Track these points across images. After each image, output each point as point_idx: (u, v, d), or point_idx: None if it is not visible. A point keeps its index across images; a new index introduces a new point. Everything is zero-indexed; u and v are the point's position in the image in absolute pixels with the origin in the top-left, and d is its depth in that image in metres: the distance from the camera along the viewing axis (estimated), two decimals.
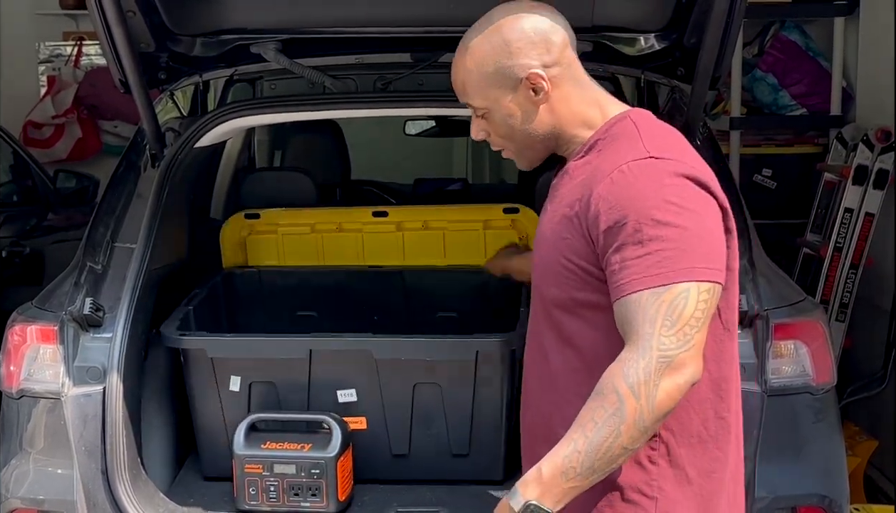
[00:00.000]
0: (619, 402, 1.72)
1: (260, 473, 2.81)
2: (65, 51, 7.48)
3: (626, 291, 1.76)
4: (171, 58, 3.04)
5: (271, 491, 2.81)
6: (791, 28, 5.12)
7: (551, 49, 1.92)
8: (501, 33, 1.93)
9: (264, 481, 2.81)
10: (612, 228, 1.78)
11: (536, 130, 1.97)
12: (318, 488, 2.79)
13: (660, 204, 1.77)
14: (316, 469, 2.78)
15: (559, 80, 1.93)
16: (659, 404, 1.72)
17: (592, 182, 1.84)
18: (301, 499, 2.80)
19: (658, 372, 1.71)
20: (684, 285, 1.74)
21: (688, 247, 1.76)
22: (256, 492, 2.82)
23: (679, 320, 1.73)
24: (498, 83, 1.94)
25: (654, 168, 1.81)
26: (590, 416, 1.74)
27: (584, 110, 1.96)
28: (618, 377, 1.73)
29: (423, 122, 5.59)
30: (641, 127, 1.91)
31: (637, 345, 1.73)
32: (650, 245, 1.75)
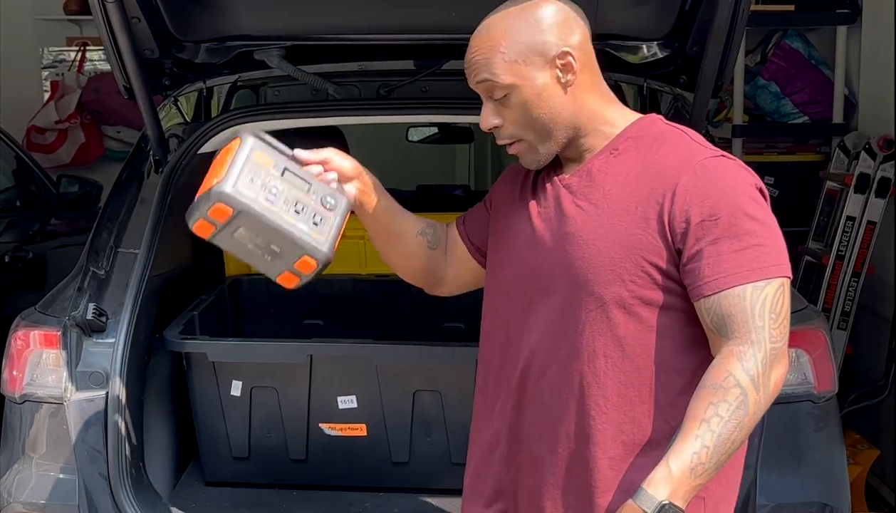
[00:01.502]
0: (743, 395, 1.73)
1: None
2: (68, 56, 7.49)
3: (727, 285, 1.77)
4: (175, 64, 3.05)
5: None
6: (794, 36, 5.13)
7: (576, 32, 1.89)
8: (534, 10, 1.89)
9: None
10: (706, 222, 1.79)
11: (560, 116, 1.90)
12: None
13: (748, 200, 1.81)
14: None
15: (585, 69, 1.90)
16: (771, 395, 1.76)
17: (662, 178, 1.83)
18: None
19: (770, 364, 1.75)
20: (780, 280, 1.79)
21: (776, 243, 1.81)
22: None
23: (780, 315, 1.77)
24: (528, 59, 1.87)
25: (733, 166, 1.85)
26: (712, 411, 1.73)
27: (604, 106, 1.94)
28: (738, 370, 1.74)
29: (425, 129, 5.59)
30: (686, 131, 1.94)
31: (750, 338, 1.75)
32: (746, 239, 1.78)
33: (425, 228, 2.26)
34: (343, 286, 3.58)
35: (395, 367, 2.90)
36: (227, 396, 2.98)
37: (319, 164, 2.01)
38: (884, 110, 4.61)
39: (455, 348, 2.95)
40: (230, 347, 3.01)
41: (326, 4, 2.82)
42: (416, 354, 2.90)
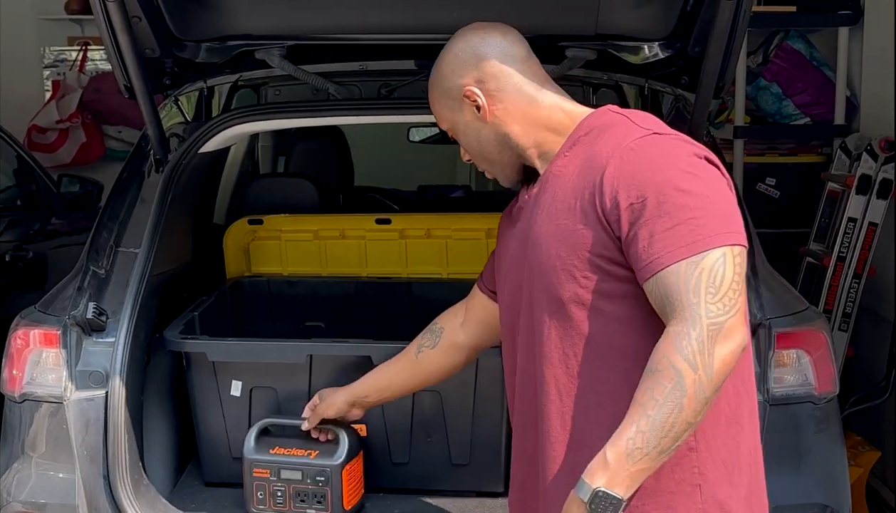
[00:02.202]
0: (678, 376, 1.69)
1: (267, 477, 2.82)
2: (70, 56, 7.50)
3: (661, 265, 1.74)
4: (176, 63, 3.05)
5: (278, 496, 2.81)
6: (795, 37, 5.13)
7: (482, 64, 1.98)
8: (440, 59, 2.04)
9: (272, 486, 2.82)
10: (635, 205, 1.76)
11: (493, 146, 2.01)
12: (324, 495, 2.79)
13: (678, 174, 1.77)
14: (321, 477, 2.78)
15: (499, 94, 1.98)
16: (717, 373, 1.70)
17: (594, 168, 1.83)
18: (307, 505, 2.80)
19: (711, 340, 1.69)
20: (720, 251, 1.73)
21: (714, 212, 1.75)
22: (264, 496, 2.82)
23: (721, 287, 1.71)
24: (447, 105, 2.03)
25: (663, 141, 1.82)
26: (649, 395, 1.71)
27: (543, 117, 1.98)
28: (672, 352, 1.70)
29: (426, 129, 5.60)
30: (629, 115, 1.92)
31: (684, 316, 1.71)
32: (678, 214, 1.74)
33: (421, 344, 2.50)
34: (344, 288, 3.58)
35: None
36: (227, 396, 2.97)
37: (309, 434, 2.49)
38: (885, 112, 4.61)
39: None
40: (230, 346, 3.01)
41: (327, 4, 2.82)
42: None
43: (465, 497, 2.95)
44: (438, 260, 3.57)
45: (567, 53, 3.04)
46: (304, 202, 3.82)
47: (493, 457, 2.94)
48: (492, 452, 2.93)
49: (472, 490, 2.96)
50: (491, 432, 2.92)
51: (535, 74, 2.02)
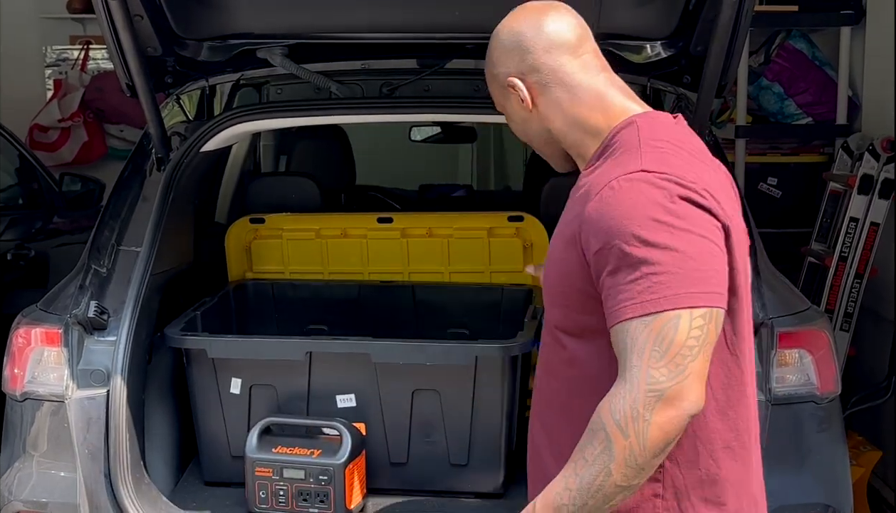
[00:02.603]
0: (607, 439, 1.62)
1: (270, 476, 2.82)
2: (71, 55, 7.49)
3: (616, 319, 1.66)
4: (177, 62, 3.05)
5: (281, 495, 2.81)
6: (797, 37, 5.12)
7: (525, 56, 1.87)
8: (490, 42, 1.95)
9: (274, 486, 2.81)
10: (602, 251, 1.68)
11: (539, 138, 1.95)
12: (326, 494, 2.79)
13: (648, 223, 1.65)
14: (324, 476, 2.78)
15: (544, 87, 1.87)
16: (652, 441, 1.61)
17: (587, 197, 1.75)
18: (309, 505, 2.80)
19: (648, 406, 1.60)
20: (674, 313, 1.62)
21: (679, 270, 1.63)
22: (267, 496, 2.82)
23: (669, 350, 1.61)
24: (496, 89, 1.96)
25: (644, 184, 1.68)
26: (580, 453, 1.66)
27: (583, 116, 1.86)
28: (605, 413, 1.63)
29: (428, 128, 5.59)
30: (644, 135, 1.79)
31: (625, 378, 1.63)
32: (641, 268, 1.64)
33: None
34: (348, 291, 3.58)
35: (394, 365, 2.90)
36: (227, 393, 2.98)
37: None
38: (887, 111, 4.60)
39: (453, 347, 2.94)
40: (229, 343, 3.01)
41: (329, 3, 2.82)
42: (414, 352, 2.89)
43: (464, 498, 2.94)
44: (440, 259, 3.57)
45: None
46: (306, 201, 3.82)
47: (493, 458, 2.94)
48: (491, 453, 2.93)
49: (471, 491, 2.95)
50: (490, 433, 2.92)
51: (585, 64, 1.88)
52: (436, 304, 3.53)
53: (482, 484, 2.95)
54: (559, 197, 4.17)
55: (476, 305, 3.50)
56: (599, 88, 1.87)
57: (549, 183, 4.06)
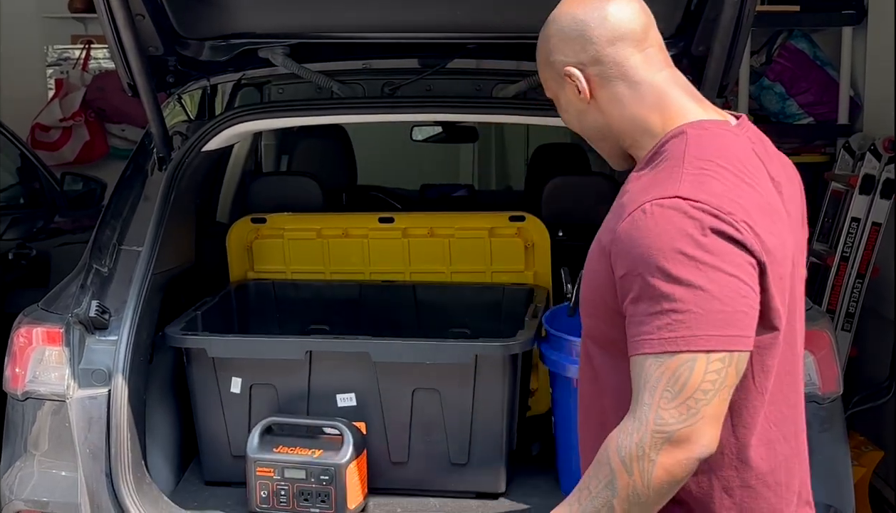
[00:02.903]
0: (611, 475, 1.59)
1: (271, 476, 2.82)
2: (73, 54, 7.50)
3: (634, 351, 1.61)
4: (179, 61, 3.05)
5: (282, 495, 2.81)
6: (799, 37, 5.12)
7: (588, 46, 1.75)
8: (548, 26, 1.82)
9: (275, 485, 2.82)
10: (627, 277, 1.62)
11: (593, 131, 1.84)
12: (328, 494, 2.79)
13: (674, 256, 1.57)
14: (325, 475, 2.78)
15: (605, 80, 1.76)
16: (656, 481, 1.57)
17: (623, 211, 1.66)
18: (311, 505, 2.80)
19: (654, 447, 1.56)
20: (690, 355, 1.56)
21: (702, 310, 1.56)
22: (268, 495, 2.82)
23: (682, 392, 1.56)
24: (551, 76, 1.83)
25: (676, 212, 1.59)
26: (586, 483, 1.63)
27: (641, 115, 1.76)
28: (612, 448, 1.60)
29: (429, 128, 5.59)
30: (690, 151, 1.68)
31: (635, 414, 1.59)
32: (662, 303, 1.57)
33: None
34: (349, 291, 3.58)
35: (394, 364, 2.89)
36: (227, 393, 2.98)
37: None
38: (889, 111, 4.60)
39: (453, 346, 2.94)
40: (229, 342, 3.01)
41: (331, 3, 2.82)
42: (414, 351, 2.89)
43: (465, 498, 2.94)
44: (441, 259, 3.57)
45: None
46: (307, 201, 3.82)
47: (493, 457, 2.93)
48: (491, 452, 2.93)
49: (472, 491, 2.95)
50: (490, 432, 2.91)
51: (649, 58, 1.78)
52: (437, 304, 3.53)
53: (482, 484, 2.95)
54: (560, 197, 4.21)
55: (477, 305, 3.50)
56: (661, 86, 1.78)
57: (551, 183, 4.06)
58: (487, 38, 3.09)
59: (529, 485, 3.01)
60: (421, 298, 3.55)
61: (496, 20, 2.87)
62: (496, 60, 3.31)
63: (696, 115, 1.76)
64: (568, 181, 4.14)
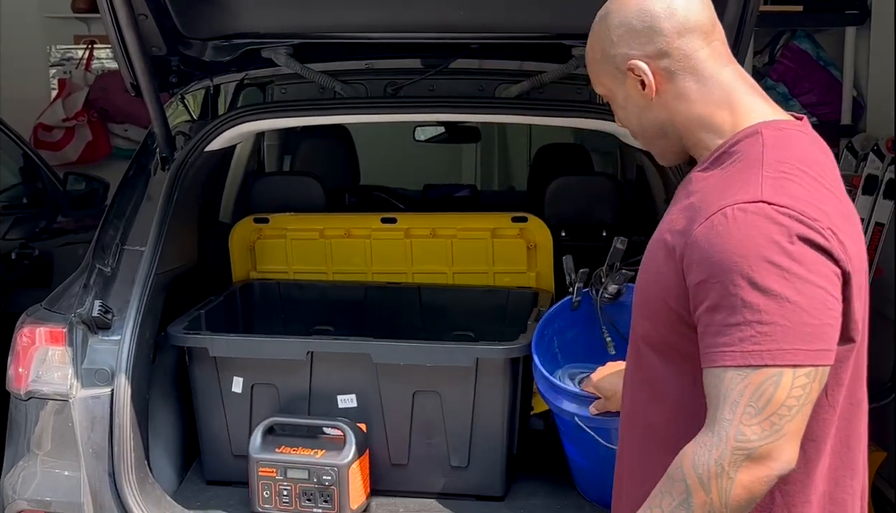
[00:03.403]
0: (687, 492, 1.53)
1: (274, 476, 2.82)
2: (76, 54, 7.50)
3: (712, 363, 1.54)
4: (182, 61, 3.05)
5: (284, 495, 2.81)
6: (802, 37, 5.12)
7: (656, 38, 1.68)
8: (607, 18, 1.73)
9: (278, 485, 2.82)
10: (705, 284, 1.54)
11: (654, 128, 1.76)
12: (330, 494, 2.79)
13: (761, 264, 1.50)
14: (328, 476, 2.78)
15: (672, 74, 1.69)
16: (735, 500, 1.51)
17: (697, 214, 1.59)
18: (313, 505, 2.80)
19: (734, 464, 1.50)
20: (776, 370, 1.50)
21: (789, 322, 1.49)
22: (270, 495, 2.82)
23: (766, 408, 1.50)
24: (607, 71, 1.75)
25: (763, 217, 1.52)
26: (657, 500, 1.57)
27: (708, 112, 1.70)
28: (688, 464, 1.53)
29: (432, 128, 5.60)
30: (769, 153, 1.61)
31: (714, 430, 1.52)
32: (745, 313, 1.50)
33: None
34: (353, 293, 3.58)
35: (395, 366, 2.89)
36: (229, 392, 2.98)
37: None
38: (892, 112, 4.60)
39: (453, 348, 2.94)
40: (231, 342, 3.02)
41: (333, 3, 2.82)
42: (414, 353, 2.89)
43: (465, 500, 2.94)
44: (444, 259, 3.57)
45: (573, 52, 3.05)
46: (310, 201, 3.82)
47: (493, 461, 2.93)
48: (492, 455, 2.92)
49: (472, 493, 2.95)
50: (491, 435, 2.91)
51: (716, 52, 1.71)
52: (441, 306, 3.53)
53: (483, 486, 2.95)
54: (563, 197, 4.20)
55: (482, 308, 3.50)
56: (729, 82, 1.71)
57: (554, 183, 4.06)
58: (490, 38, 3.09)
59: (530, 488, 3.01)
60: (425, 300, 3.55)
61: (499, 20, 2.87)
62: (499, 60, 3.31)
63: (766, 114, 1.70)
64: (571, 182, 4.14)
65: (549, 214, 3.81)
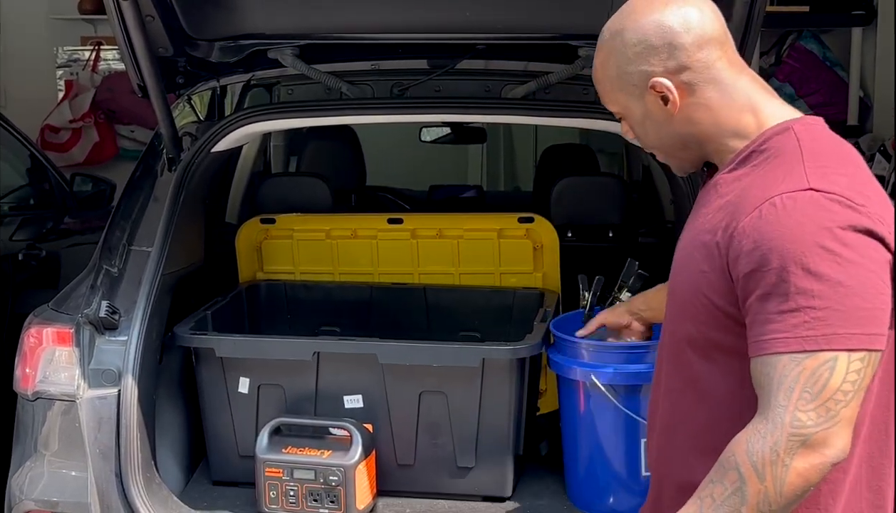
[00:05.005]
0: (741, 481, 1.52)
1: (280, 477, 2.82)
2: (83, 55, 7.52)
3: (763, 350, 1.54)
4: (189, 62, 3.06)
5: (291, 496, 2.82)
6: (808, 38, 5.12)
7: (676, 53, 1.68)
8: (623, 34, 1.72)
9: (284, 486, 2.82)
10: (755, 273, 1.54)
11: (674, 142, 1.76)
12: (337, 495, 2.79)
13: (814, 250, 1.51)
14: (334, 476, 2.79)
15: (694, 87, 1.70)
16: (789, 487, 1.50)
17: (739, 209, 1.60)
18: (320, 505, 2.81)
19: (789, 451, 1.50)
20: (831, 354, 1.50)
21: (842, 307, 1.50)
22: (277, 496, 2.83)
23: (822, 394, 1.50)
24: (623, 88, 1.75)
25: (813, 204, 1.53)
26: (708, 490, 1.56)
27: (732, 118, 1.71)
28: (741, 451, 1.53)
29: (438, 129, 5.60)
30: (806, 146, 1.63)
31: (768, 416, 1.52)
32: (798, 299, 1.51)
33: None
34: (360, 293, 3.58)
35: (401, 366, 2.89)
36: (235, 393, 2.98)
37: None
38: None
39: (460, 349, 2.94)
40: (238, 342, 3.02)
41: (340, 3, 2.82)
42: (421, 353, 2.89)
43: (471, 500, 2.94)
44: (450, 260, 3.57)
45: (580, 53, 3.04)
46: (316, 202, 3.82)
47: (500, 461, 2.93)
48: (498, 456, 2.92)
49: (478, 494, 2.95)
50: (497, 435, 2.91)
51: (732, 61, 1.73)
52: (447, 307, 3.53)
53: (489, 487, 2.95)
54: (569, 198, 4.20)
55: (488, 309, 3.50)
56: (748, 87, 1.73)
57: (560, 184, 4.06)
58: (496, 38, 3.09)
59: (537, 488, 3.01)
60: (431, 300, 3.55)
61: (505, 21, 2.87)
62: (505, 61, 3.31)
63: (787, 114, 1.72)
64: (577, 182, 4.13)
65: (555, 215, 3.81)
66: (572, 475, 2.91)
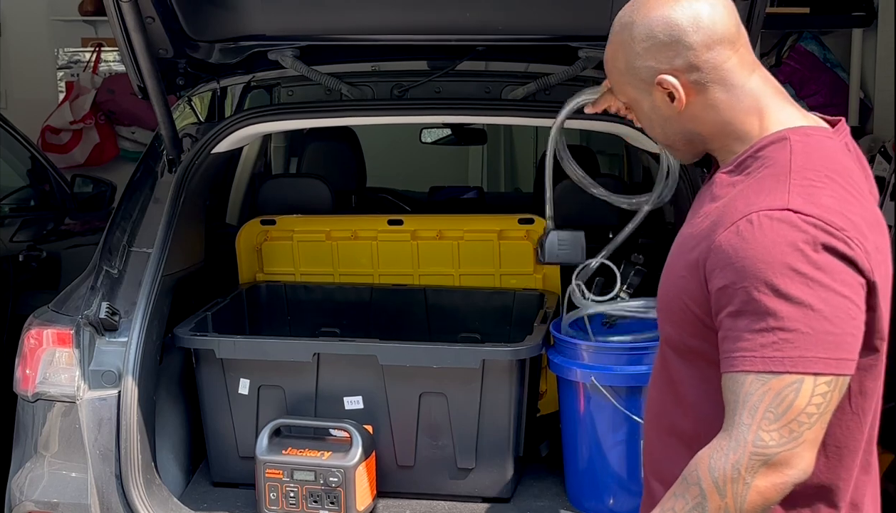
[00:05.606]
0: (702, 496, 1.53)
1: (280, 478, 2.82)
2: (83, 57, 7.52)
3: (732, 367, 1.54)
4: (189, 64, 3.06)
5: (291, 497, 2.82)
6: (809, 39, 5.12)
7: (684, 52, 1.66)
8: (632, 28, 1.70)
9: (284, 487, 2.82)
10: (728, 289, 1.54)
11: (678, 137, 1.76)
12: (337, 496, 2.79)
13: (785, 271, 1.50)
14: (334, 478, 2.79)
15: (701, 86, 1.68)
16: (750, 505, 1.51)
17: (721, 220, 1.60)
18: (320, 506, 2.81)
19: (751, 470, 1.50)
20: (797, 377, 1.50)
21: (811, 330, 1.50)
22: (277, 497, 2.83)
23: (786, 414, 1.50)
24: (631, 82, 1.74)
25: (787, 225, 1.52)
26: (671, 503, 1.57)
27: (737, 120, 1.69)
28: (703, 467, 1.53)
29: (438, 130, 5.60)
30: (797, 159, 1.61)
31: (731, 434, 1.52)
32: (767, 320, 1.51)
33: None
34: (360, 295, 3.59)
35: (401, 368, 2.90)
36: (235, 394, 2.98)
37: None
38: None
39: (460, 350, 2.94)
40: (238, 344, 3.02)
41: (340, 5, 2.82)
42: (421, 355, 2.90)
43: (472, 501, 2.94)
44: (450, 261, 3.57)
45: (580, 54, 3.05)
46: (317, 203, 3.83)
47: (501, 462, 2.93)
48: (499, 457, 2.92)
49: (478, 495, 2.95)
50: (498, 437, 2.91)
51: (743, 59, 1.70)
52: (448, 308, 3.54)
53: (489, 488, 2.95)
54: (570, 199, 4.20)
55: (488, 310, 3.50)
56: (757, 89, 1.70)
57: (560, 185, 4.06)
58: (496, 40, 3.09)
59: (537, 490, 3.01)
60: (432, 301, 3.55)
61: (505, 22, 2.87)
62: (505, 62, 3.31)
63: (795, 120, 1.69)
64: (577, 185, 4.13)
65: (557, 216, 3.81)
66: (572, 476, 2.91)
